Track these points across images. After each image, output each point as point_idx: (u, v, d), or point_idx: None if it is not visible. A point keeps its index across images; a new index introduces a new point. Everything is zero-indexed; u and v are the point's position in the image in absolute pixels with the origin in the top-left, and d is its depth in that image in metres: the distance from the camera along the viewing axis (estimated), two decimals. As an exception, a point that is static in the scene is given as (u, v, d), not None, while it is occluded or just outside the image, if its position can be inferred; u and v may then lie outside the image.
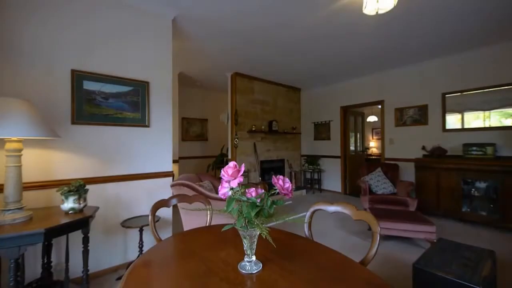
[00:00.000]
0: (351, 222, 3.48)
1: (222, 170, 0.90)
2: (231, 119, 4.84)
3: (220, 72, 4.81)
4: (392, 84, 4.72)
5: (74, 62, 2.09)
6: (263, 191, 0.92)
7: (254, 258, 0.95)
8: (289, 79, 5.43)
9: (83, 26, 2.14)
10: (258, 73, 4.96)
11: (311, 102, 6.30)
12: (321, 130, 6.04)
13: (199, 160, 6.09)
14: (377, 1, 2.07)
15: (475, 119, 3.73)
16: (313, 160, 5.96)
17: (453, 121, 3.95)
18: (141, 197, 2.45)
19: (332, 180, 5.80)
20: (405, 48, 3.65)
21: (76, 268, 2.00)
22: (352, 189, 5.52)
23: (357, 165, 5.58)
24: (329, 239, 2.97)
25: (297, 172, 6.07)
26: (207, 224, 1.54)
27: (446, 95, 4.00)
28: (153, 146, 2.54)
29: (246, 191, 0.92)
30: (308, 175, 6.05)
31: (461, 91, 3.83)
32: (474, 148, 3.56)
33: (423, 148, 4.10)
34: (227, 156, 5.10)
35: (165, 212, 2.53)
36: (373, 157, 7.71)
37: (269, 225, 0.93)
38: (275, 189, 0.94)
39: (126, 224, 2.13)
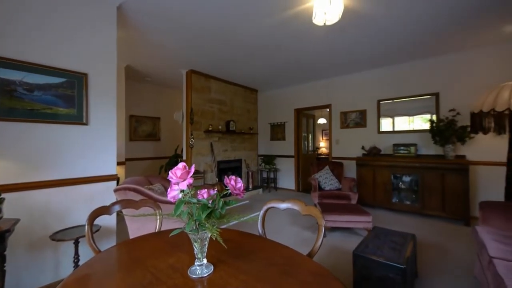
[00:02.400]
0: (302, 218, 3.70)
1: (170, 172, 0.85)
2: (186, 118, 4.64)
3: (174, 68, 4.56)
4: (338, 89, 5.20)
5: (-15, 45, 1.72)
6: (215, 192, 0.91)
7: (205, 261, 0.92)
8: (247, 80, 5.48)
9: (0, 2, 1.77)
10: (215, 72, 4.87)
11: (268, 103, 6.49)
12: (277, 131, 6.27)
13: (151, 161, 5.66)
14: (325, 13, 2.26)
15: (403, 123, 4.39)
16: (269, 159, 6.14)
17: (386, 124, 4.57)
18: (77, 205, 2.15)
19: (287, 178, 6.08)
20: (349, 57, 4.06)
21: (-13, 295, 1.64)
22: (305, 186, 5.89)
23: (308, 164, 5.95)
24: (282, 235, 3.11)
25: (254, 171, 6.17)
26: (157, 230, 1.44)
27: (381, 102, 4.59)
28: (92, 146, 2.26)
29: (198, 192, 0.90)
30: (265, 175, 6.21)
31: (392, 99, 4.46)
32: (401, 147, 4.18)
33: (363, 147, 4.63)
34: (182, 156, 4.87)
35: (108, 221, 2.28)
36: (323, 156, 8.36)
37: (223, 226, 0.92)
38: (229, 189, 0.93)
39: (57, 236, 1.84)
